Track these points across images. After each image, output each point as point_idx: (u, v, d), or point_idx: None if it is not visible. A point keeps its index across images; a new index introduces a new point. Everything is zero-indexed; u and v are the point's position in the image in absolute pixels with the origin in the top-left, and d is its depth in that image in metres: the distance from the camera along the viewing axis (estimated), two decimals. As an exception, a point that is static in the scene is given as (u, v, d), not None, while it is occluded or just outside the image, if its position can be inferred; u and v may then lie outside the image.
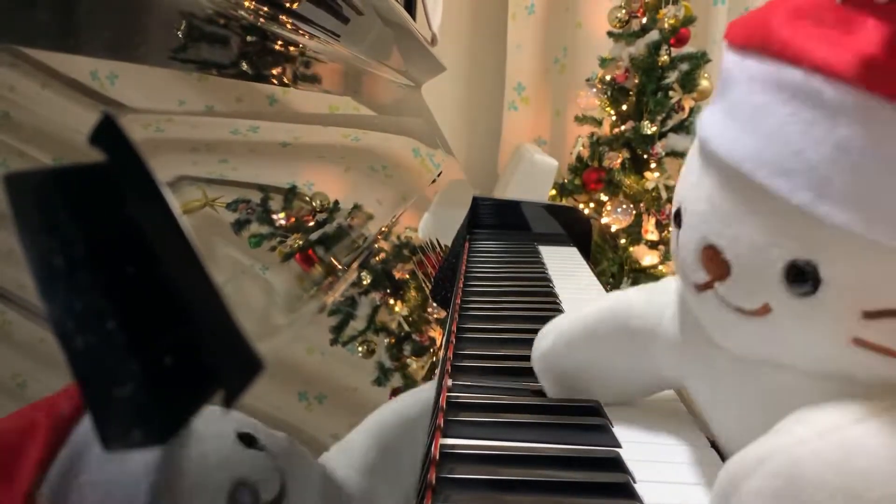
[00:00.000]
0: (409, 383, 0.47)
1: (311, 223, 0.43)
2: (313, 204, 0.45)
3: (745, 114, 0.33)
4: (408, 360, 0.49)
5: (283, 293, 0.35)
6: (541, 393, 0.55)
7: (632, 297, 0.51)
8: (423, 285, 0.63)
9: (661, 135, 2.12)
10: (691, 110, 2.09)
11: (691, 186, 0.38)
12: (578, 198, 2.25)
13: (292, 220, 0.40)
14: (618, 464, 0.44)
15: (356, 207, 0.54)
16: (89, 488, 0.19)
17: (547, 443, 0.48)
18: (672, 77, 2.08)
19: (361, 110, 0.80)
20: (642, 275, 2.11)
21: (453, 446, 0.46)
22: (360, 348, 0.43)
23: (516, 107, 2.56)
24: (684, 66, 2.08)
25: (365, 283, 0.49)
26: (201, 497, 0.22)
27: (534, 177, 2.12)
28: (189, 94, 0.39)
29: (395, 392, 0.44)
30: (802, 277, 0.32)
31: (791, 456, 0.31)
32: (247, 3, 0.48)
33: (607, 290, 0.95)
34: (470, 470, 0.44)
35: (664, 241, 2.14)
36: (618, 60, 2.17)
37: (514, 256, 1.09)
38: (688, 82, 2.07)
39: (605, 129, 2.23)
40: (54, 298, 0.18)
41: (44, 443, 0.19)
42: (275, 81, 0.53)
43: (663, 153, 2.10)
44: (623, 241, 2.16)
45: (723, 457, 0.45)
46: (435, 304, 0.64)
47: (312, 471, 0.30)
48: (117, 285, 0.20)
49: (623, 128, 2.15)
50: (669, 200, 2.09)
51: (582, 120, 2.28)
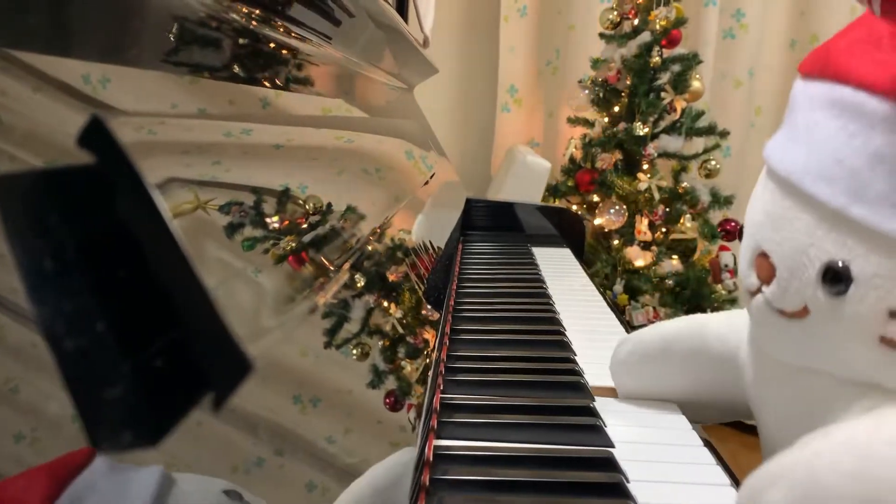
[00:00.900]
0: (403, 385, 0.47)
1: (305, 225, 0.43)
2: (306, 206, 0.45)
3: (801, 130, 0.37)
4: (402, 363, 0.49)
5: (277, 296, 0.35)
6: (534, 393, 0.55)
7: (712, 318, 0.53)
8: (417, 287, 0.63)
9: (654, 136, 2.12)
10: (683, 111, 2.09)
11: (753, 204, 0.41)
12: (571, 199, 2.26)
13: (285, 222, 0.40)
14: (611, 464, 0.45)
15: (350, 209, 0.54)
16: None
17: (540, 443, 0.48)
18: (664, 78, 2.09)
19: (354, 112, 0.80)
20: (635, 275, 2.11)
21: (447, 447, 0.46)
22: (354, 350, 0.43)
23: (509, 108, 2.56)
24: (676, 68, 2.08)
25: (359, 285, 0.49)
26: None
27: (527, 178, 2.12)
28: (181, 97, 0.38)
29: (389, 395, 0.44)
30: (837, 278, 0.34)
31: (809, 468, 0.32)
32: (238, 6, 0.48)
33: (601, 291, 0.95)
34: (463, 471, 0.44)
35: (657, 242, 2.15)
36: (610, 62, 2.17)
37: (508, 258, 1.10)
38: (679, 83, 2.07)
39: (598, 131, 2.23)
40: (44, 301, 0.18)
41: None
42: (267, 84, 0.53)
43: (655, 154, 2.10)
44: (616, 242, 2.16)
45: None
46: (429, 306, 0.64)
47: None
48: (107, 288, 0.20)
49: (615, 129, 2.15)
50: (662, 201, 2.10)
51: (574, 121, 2.29)
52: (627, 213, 2.13)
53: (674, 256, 2.13)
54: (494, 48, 2.53)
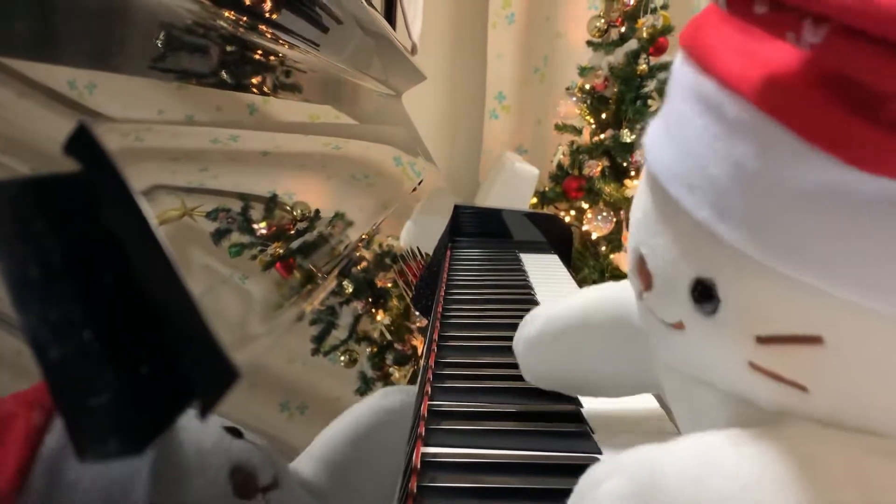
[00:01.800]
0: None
1: (293, 232, 0.43)
2: (294, 213, 0.45)
3: (671, 122, 0.32)
4: (390, 369, 0.49)
5: (264, 303, 0.34)
6: (522, 400, 0.55)
7: (628, 289, 0.48)
8: (405, 293, 0.63)
9: (641, 143, 2.13)
10: (670, 119, 2.10)
11: (637, 195, 0.37)
12: (559, 206, 2.26)
13: (273, 228, 0.40)
14: (599, 470, 0.45)
15: (338, 216, 0.54)
16: (81, 487, 0.19)
17: (528, 450, 0.48)
18: (651, 86, 2.10)
19: (342, 119, 0.80)
20: (623, 282, 2.12)
21: (435, 455, 0.46)
22: (341, 357, 0.43)
23: (497, 115, 2.57)
24: (663, 75, 2.10)
25: (347, 291, 0.49)
26: (204, 478, 0.22)
27: (515, 185, 2.13)
28: (169, 104, 0.38)
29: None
30: (708, 296, 0.31)
31: (653, 465, 0.30)
32: (226, 13, 0.48)
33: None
34: (451, 478, 0.44)
35: (644, 249, 2.15)
36: (597, 69, 2.18)
37: (496, 264, 1.10)
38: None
39: (585, 138, 2.24)
40: (29, 309, 0.18)
41: (23, 436, 0.18)
42: (255, 90, 0.53)
43: (642, 161, 2.11)
44: (604, 248, 2.17)
45: None
46: (417, 313, 0.64)
47: (292, 471, 0.30)
48: (92, 296, 0.19)
49: (603, 136, 2.16)
50: (649, 208, 2.10)
51: (562, 128, 2.30)
52: (615, 219, 2.14)
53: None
54: (482, 55, 2.54)
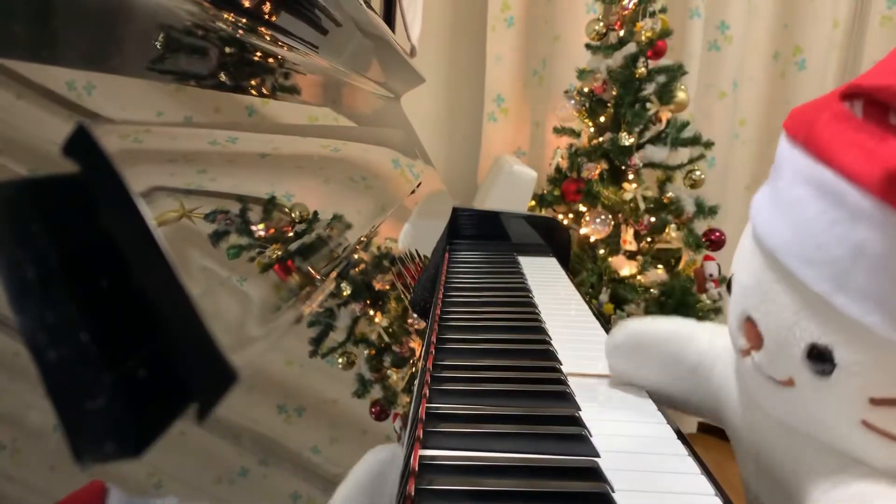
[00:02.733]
0: (389, 395, 0.47)
1: (291, 234, 0.43)
2: (292, 215, 0.45)
3: (785, 203, 0.37)
4: (388, 372, 0.49)
5: (262, 305, 0.34)
6: (519, 403, 0.55)
7: (700, 331, 0.56)
8: (403, 296, 0.63)
9: (639, 146, 2.13)
10: (668, 122, 2.11)
11: (742, 260, 0.41)
12: (557, 208, 2.26)
13: (271, 230, 0.40)
14: (596, 473, 0.45)
15: (336, 218, 0.54)
16: None
17: (526, 453, 0.48)
18: (649, 89, 2.10)
19: (341, 121, 0.80)
20: (621, 285, 2.12)
21: (432, 457, 0.46)
22: (339, 360, 0.43)
23: (496, 118, 2.56)
24: (661, 79, 2.10)
25: (345, 294, 0.49)
26: None
27: (513, 187, 2.13)
28: (167, 105, 0.38)
29: (375, 404, 0.44)
30: (822, 358, 0.35)
31: None
32: (225, 15, 0.48)
33: (586, 301, 0.95)
34: (449, 481, 0.44)
35: (642, 252, 2.16)
36: (596, 73, 2.18)
37: (494, 267, 1.10)
38: (665, 94, 2.09)
39: (584, 141, 2.24)
40: (27, 310, 0.18)
41: None
42: (254, 92, 0.53)
43: (641, 164, 2.12)
44: (602, 251, 2.17)
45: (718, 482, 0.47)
46: (415, 315, 0.64)
47: None
48: (91, 298, 0.19)
49: (601, 139, 2.17)
50: (647, 211, 2.11)
51: (560, 131, 2.30)
52: (613, 222, 2.14)
53: (659, 266, 2.14)
54: (481, 57, 2.54)
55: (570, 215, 2.23)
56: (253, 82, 0.53)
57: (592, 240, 2.17)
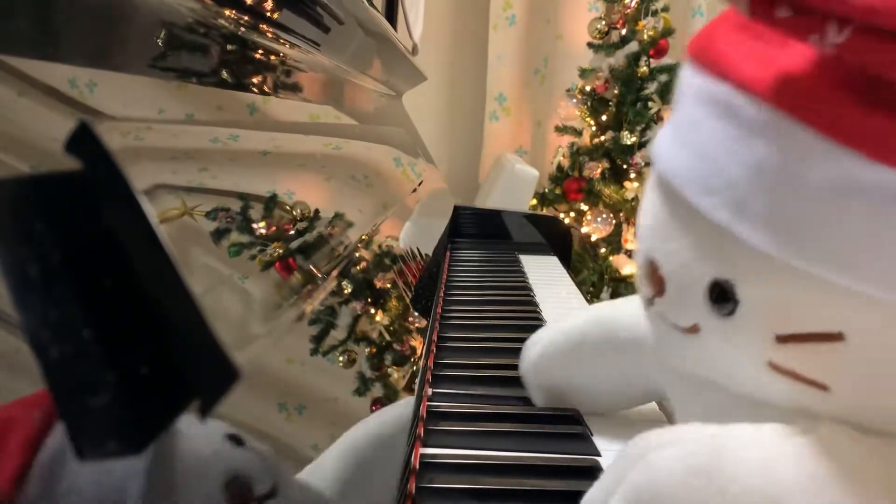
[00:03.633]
0: (390, 393, 0.47)
1: (292, 232, 0.43)
2: (294, 213, 0.45)
3: (683, 128, 0.33)
4: (388, 370, 0.49)
5: (263, 303, 0.34)
6: (520, 401, 0.55)
7: (618, 308, 0.51)
8: (404, 294, 0.63)
9: (641, 145, 2.13)
10: (670, 121, 2.10)
11: (646, 203, 0.37)
12: (559, 207, 2.26)
13: (273, 228, 0.40)
14: (597, 472, 0.45)
15: (337, 216, 0.54)
16: (77, 492, 0.19)
17: (527, 451, 0.48)
18: (651, 88, 2.10)
19: (342, 119, 0.80)
20: (622, 284, 2.12)
21: (433, 456, 0.46)
22: (340, 358, 0.43)
23: (497, 117, 2.56)
24: (663, 78, 2.10)
25: (346, 292, 0.49)
26: (198, 487, 0.22)
27: (515, 186, 2.13)
28: (169, 103, 0.38)
29: (376, 402, 0.44)
30: (725, 297, 0.31)
31: (716, 446, 0.30)
32: (227, 13, 0.48)
33: (588, 299, 0.96)
34: (450, 479, 0.44)
35: (644, 251, 2.16)
36: (598, 71, 2.18)
37: (496, 265, 1.10)
38: (667, 93, 2.08)
39: (586, 140, 2.24)
40: (29, 308, 0.18)
41: (21, 443, 0.18)
42: (255, 90, 0.53)
43: (643, 163, 2.12)
44: (603, 250, 2.17)
45: None
46: (416, 313, 0.64)
47: (295, 479, 0.30)
48: (93, 295, 0.19)
49: (603, 138, 2.17)
50: (649, 210, 2.10)
51: (562, 130, 2.30)
52: (614, 221, 2.14)
53: (660, 265, 2.14)
54: (483, 56, 2.54)
55: (572, 214, 2.23)
56: (255, 80, 0.53)
57: (594, 239, 2.17)
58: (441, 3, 2.53)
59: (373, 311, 0.53)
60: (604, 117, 2.19)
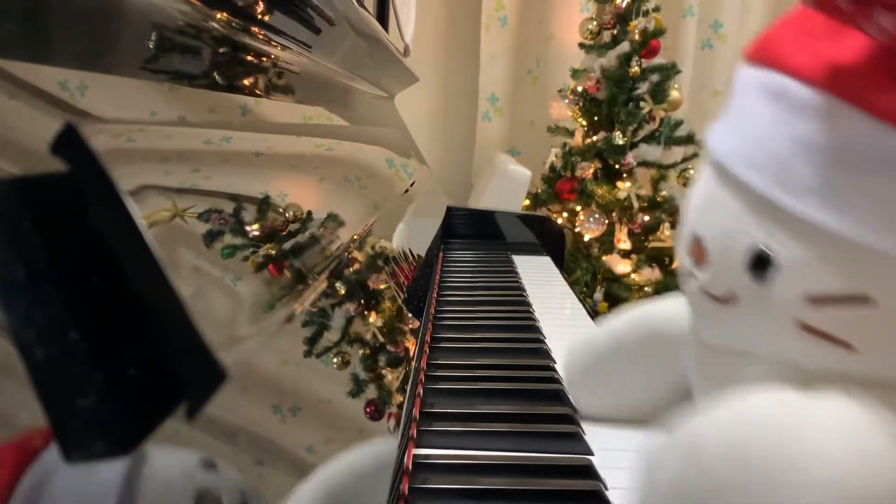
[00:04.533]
0: (384, 395, 0.47)
1: (285, 233, 0.43)
2: (286, 214, 0.45)
3: (736, 115, 0.37)
4: (382, 371, 0.49)
5: (256, 305, 0.34)
6: (514, 402, 0.55)
7: (656, 304, 0.52)
8: (397, 295, 0.63)
9: (633, 145, 2.14)
10: (662, 121, 2.11)
11: (696, 188, 0.41)
12: (552, 207, 2.27)
13: (265, 230, 0.40)
14: (590, 471, 0.45)
15: (330, 217, 0.54)
16: None
17: (520, 451, 0.48)
18: (643, 88, 2.11)
19: (335, 120, 0.80)
20: (615, 283, 2.13)
21: (426, 456, 0.46)
22: (334, 359, 0.43)
23: (490, 117, 2.57)
24: (655, 78, 2.11)
25: (339, 293, 0.49)
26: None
27: (507, 187, 2.13)
28: (161, 105, 0.38)
29: (370, 404, 0.44)
30: (761, 264, 0.34)
31: (692, 436, 0.33)
32: (218, 15, 0.48)
33: (581, 299, 0.96)
34: (443, 480, 0.44)
35: (636, 250, 2.16)
36: (589, 72, 2.19)
37: (489, 266, 1.10)
38: (658, 93, 2.09)
39: (578, 140, 2.24)
40: (17, 309, 0.18)
41: (14, 455, 0.18)
42: (247, 92, 0.53)
43: (635, 163, 2.12)
44: (596, 250, 2.18)
45: None
46: (409, 314, 0.64)
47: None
48: (79, 296, 0.19)
49: (595, 138, 2.17)
50: (641, 210, 2.11)
51: (555, 130, 2.30)
52: (607, 221, 2.14)
53: (653, 264, 2.15)
54: (475, 57, 2.54)
55: (565, 214, 2.23)
56: (246, 81, 0.53)
57: (587, 239, 2.17)
58: (433, 4, 2.53)
59: (366, 312, 0.53)
60: (596, 117, 2.19)
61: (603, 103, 2.17)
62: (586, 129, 2.22)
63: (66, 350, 0.19)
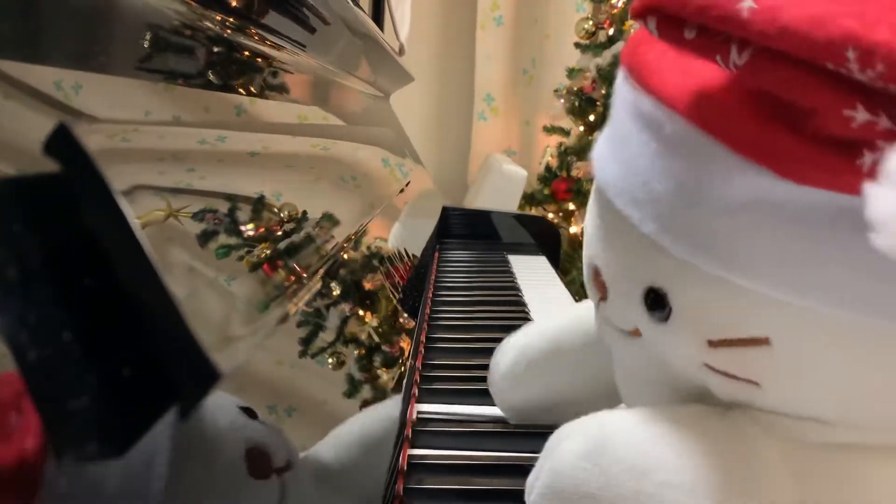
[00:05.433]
0: (379, 395, 0.47)
1: (280, 233, 0.43)
2: (281, 214, 0.45)
3: (615, 138, 0.34)
4: (377, 372, 0.49)
5: (251, 305, 0.34)
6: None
7: (588, 304, 0.48)
8: (393, 295, 0.63)
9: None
10: (657, 121, 2.11)
11: (589, 208, 0.38)
12: (547, 207, 2.27)
13: (261, 230, 0.40)
14: (586, 472, 0.45)
15: (325, 217, 0.54)
16: (102, 472, 0.19)
17: (515, 451, 0.48)
18: (638, 88, 2.11)
19: (330, 120, 0.80)
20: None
21: (421, 456, 0.46)
22: (329, 360, 0.43)
23: (486, 117, 2.57)
24: (650, 78, 2.11)
25: (334, 293, 0.49)
26: (221, 457, 0.22)
27: (503, 187, 2.13)
28: (156, 105, 0.38)
29: (365, 404, 0.44)
30: (659, 303, 0.32)
31: (604, 432, 0.33)
32: (213, 14, 0.48)
33: (576, 299, 0.96)
34: (438, 480, 0.44)
35: (632, 250, 2.16)
36: (585, 71, 2.19)
37: (484, 266, 1.10)
38: (654, 93, 2.09)
39: (574, 139, 2.25)
40: (10, 310, 0.18)
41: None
42: (242, 91, 0.53)
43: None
44: (591, 250, 2.17)
45: None
46: (404, 315, 0.64)
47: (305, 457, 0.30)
48: (73, 297, 0.19)
49: (591, 138, 2.17)
50: (637, 210, 2.11)
51: (550, 130, 2.30)
52: (602, 221, 2.14)
53: (648, 264, 2.15)
54: (471, 56, 2.54)
55: (560, 214, 2.24)
56: (241, 81, 0.53)
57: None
58: (428, 3, 2.53)
59: (361, 312, 0.53)
60: (591, 117, 2.19)
61: (599, 103, 2.17)
62: (582, 128, 2.22)
63: (60, 350, 0.19)
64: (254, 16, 0.57)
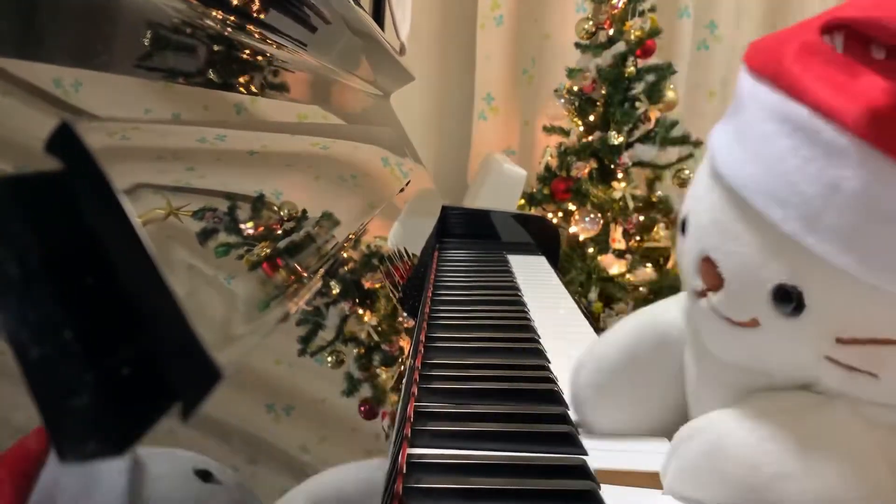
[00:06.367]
0: (378, 394, 0.47)
1: (280, 232, 0.43)
2: (281, 213, 0.45)
3: (751, 139, 0.35)
4: (377, 371, 0.49)
5: (251, 303, 0.34)
6: (508, 401, 0.55)
7: (657, 309, 0.50)
8: (392, 294, 0.63)
9: (628, 145, 2.14)
10: (657, 121, 2.11)
11: (698, 198, 0.40)
12: (547, 207, 2.27)
13: (260, 228, 0.40)
14: (584, 471, 0.45)
15: (325, 216, 0.54)
16: None
17: (514, 451, 0.48)
18: (638, 88, 2.11)
19: (330, 119, 0.80)
20: (610, 283, 2.13)
21: (420, 456, 0.46)
22: (328, 359, 0.43)
23: (485, 117, 2.57)
24: (650, 78, 2.11)
25: (334, 292, 0.49)
26: None
27: (503, 186, 2.13)
28: (155, 103, 0.38)
29: (364, 403, 0.44)
30: (788, 299, 0.34)
31: (720, 429, 0.37)
32: (213, 13, 0.48)
33: (576, 299, 0.96)
34: (437, 479, 0.44)
35: (631, 251, 2.17)
36: (585, 71, 2.19)
37: (483, 265, 1.10)
38: (654, 93, 2.09)
39: (573, 140, 2.25)
40: (10, 308, 0.18)
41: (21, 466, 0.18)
42: (242, 90, 0.53)
43: (630, 163, 2.12)
44: (591, 250, 2.18)
45: None
46: (404, 314, 0.64)
47: None
48: (73, 295, 0.19)
49: (590, 138, 2.17)
50: (636, 210, 2.11)
51: (550, 130, 2.30)
52: (602, 221, 2.14)
53: (648, 265, 2.15)
54: (471, 56, 2.54)
55: (560, 214, 2.24)
56: (241, 80, 0.53)
57: (582, 238, 2.18)
58: (429, 2, 2.53)
59: (361, 311, 0.53)
60: (591, 117, 2.19)
61: (598, 103, 2.17)
62: (582, 128, 2.22)
63: (60, 349, 0.19)
64: (254, 14, 0.57)
